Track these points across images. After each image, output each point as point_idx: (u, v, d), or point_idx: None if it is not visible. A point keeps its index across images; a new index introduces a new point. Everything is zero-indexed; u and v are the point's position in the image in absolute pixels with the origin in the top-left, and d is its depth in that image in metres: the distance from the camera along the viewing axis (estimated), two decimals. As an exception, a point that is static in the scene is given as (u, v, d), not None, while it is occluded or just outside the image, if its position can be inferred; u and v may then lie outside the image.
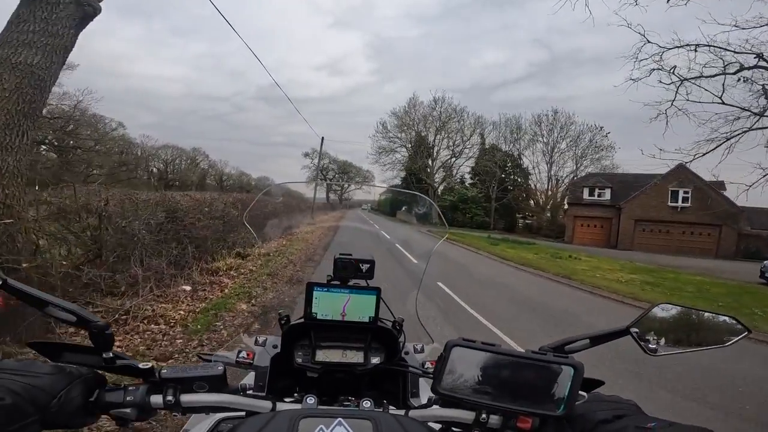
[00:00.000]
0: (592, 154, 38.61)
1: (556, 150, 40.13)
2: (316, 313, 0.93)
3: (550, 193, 41.37)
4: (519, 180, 42.18)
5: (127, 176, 38.23)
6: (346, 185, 56.74)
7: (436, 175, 45.27)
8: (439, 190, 42.89)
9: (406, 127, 45.11)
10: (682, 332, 0.75)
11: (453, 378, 0.66)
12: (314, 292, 0.93)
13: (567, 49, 71.53)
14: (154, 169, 44.27)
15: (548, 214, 41.12)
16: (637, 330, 0.74)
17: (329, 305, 0.93)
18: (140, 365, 0.71)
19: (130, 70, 70.77)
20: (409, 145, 45.38)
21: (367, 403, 0.77)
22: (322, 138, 32.90)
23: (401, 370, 1.00)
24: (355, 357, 0.97)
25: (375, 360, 0.98)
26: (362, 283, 0.98)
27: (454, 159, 44.94)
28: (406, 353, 1.04)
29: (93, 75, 65.56)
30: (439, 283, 8.13)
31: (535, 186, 42.22)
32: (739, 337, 0.73)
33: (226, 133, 79.36)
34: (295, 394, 0.92)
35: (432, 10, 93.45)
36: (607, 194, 30.24)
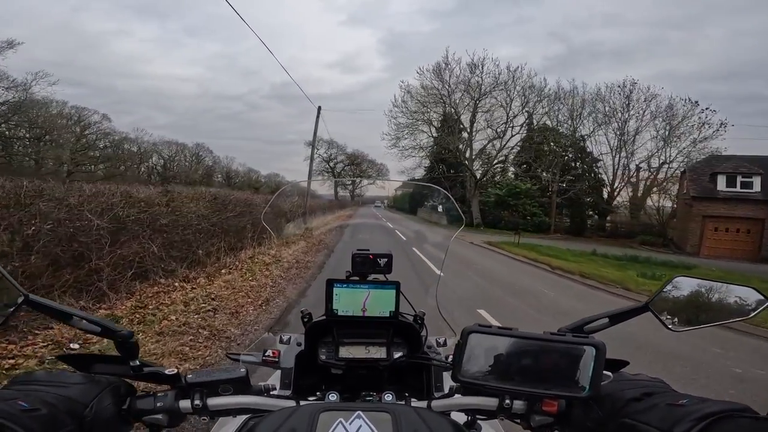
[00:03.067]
0: (696, 134, 27.53)
1: (633, 129, 29.87)
2: (337, 310, 0.93)
3: (622, 183, 31.40)
4: (585, 168, 32.09)
5: (121, 173, 33.20)
6: (357, 180, 48.43)
7: (475, 162, 34.70)
8: (478, 181, 32.73)
9: (433, 102, 33.89)
10: (702, 306, 0.73)
11: (472, 365, 0.63)
12: (334, 289, 0.92)
13: (584, 42, 65.01)
14: (158, 167, 41.65)
15: (626, 211, 31.30)
16: (656, 306, 0.72)
17: (349, 301, 0.93)
18: (166, 371, 0.71)
19: (146, 71, 65.89)
20: (441, 118, 34.03)
21: (388, 397, 0.80)
22: (319, 107, 23.64)
23: (424, 362, 0.97)
24: (378, 352, 0.96)
25: (397, 355, 0.96)
26: (381, 278, 0.98)
27: (504, 140, 33.27)
28: (429, 347, 1.02)
29: (110, 77, 62.80)
30: None
31: (599, 174, 32.11)
32: (762, 307, 0.70)
33: (239, 132, 74.91)
34: (318, 393, 0.90)
35: (446, 5, 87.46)
36: (757, 184, 19.97)
